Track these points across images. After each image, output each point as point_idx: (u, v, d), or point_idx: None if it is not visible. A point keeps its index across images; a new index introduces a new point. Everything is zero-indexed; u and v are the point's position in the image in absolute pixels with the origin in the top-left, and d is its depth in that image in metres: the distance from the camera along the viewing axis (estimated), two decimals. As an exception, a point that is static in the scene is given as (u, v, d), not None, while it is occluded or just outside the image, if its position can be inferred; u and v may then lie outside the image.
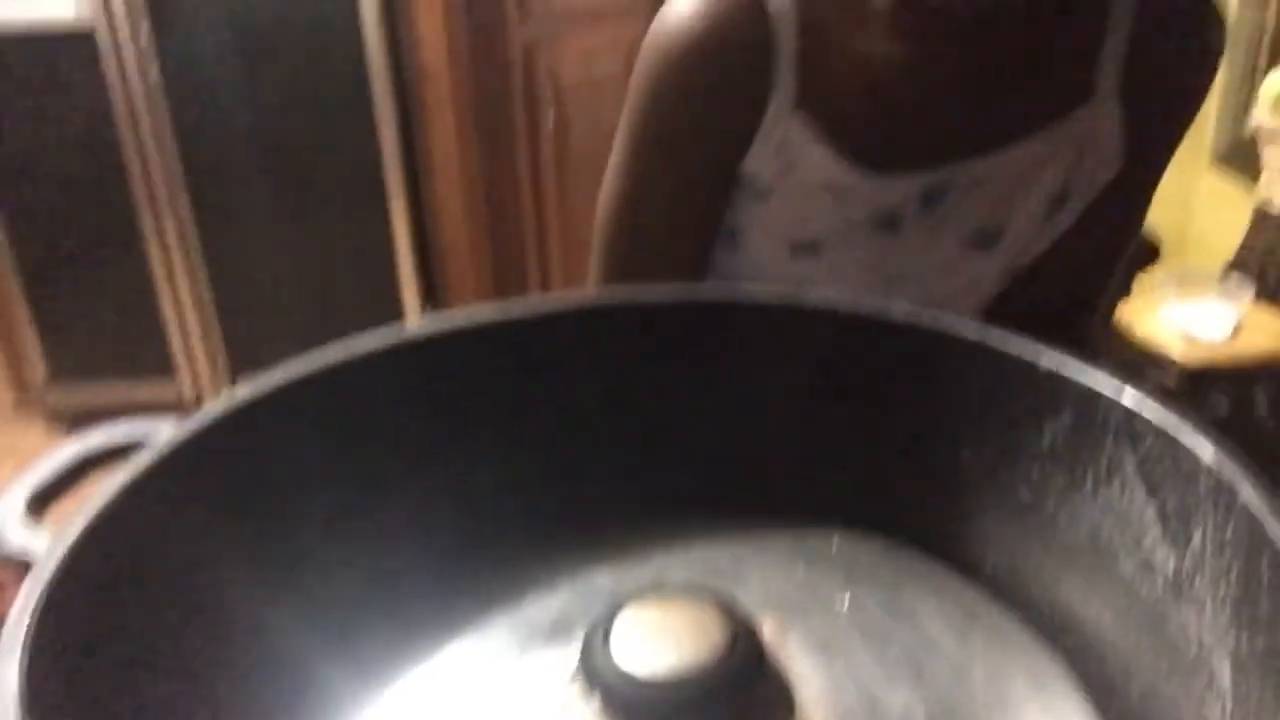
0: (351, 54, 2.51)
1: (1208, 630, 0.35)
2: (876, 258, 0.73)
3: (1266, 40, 2.81)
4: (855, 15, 0.66)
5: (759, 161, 0.68)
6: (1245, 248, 1.32)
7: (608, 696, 0.36)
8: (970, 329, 0.45)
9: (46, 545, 0.32)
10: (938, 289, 0.75)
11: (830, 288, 0.74)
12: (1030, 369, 0.43)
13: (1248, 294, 1.01)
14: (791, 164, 0.68)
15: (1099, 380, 0.41)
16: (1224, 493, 0.35)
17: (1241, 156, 1.52)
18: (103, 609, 0.33)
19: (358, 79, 2.54)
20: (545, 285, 2.97)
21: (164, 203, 2.54)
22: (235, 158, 2.58)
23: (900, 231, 0.71)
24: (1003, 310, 0.77)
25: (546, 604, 0.43)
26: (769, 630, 0.39)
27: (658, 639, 0.36)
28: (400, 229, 2.74)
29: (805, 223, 0.71)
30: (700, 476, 0.49)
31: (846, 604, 0.43)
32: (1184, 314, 1.02)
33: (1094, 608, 0.41)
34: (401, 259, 2.78)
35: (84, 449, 0.40)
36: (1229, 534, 0.35)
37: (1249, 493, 0.34)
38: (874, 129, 0.67)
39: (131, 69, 2.40)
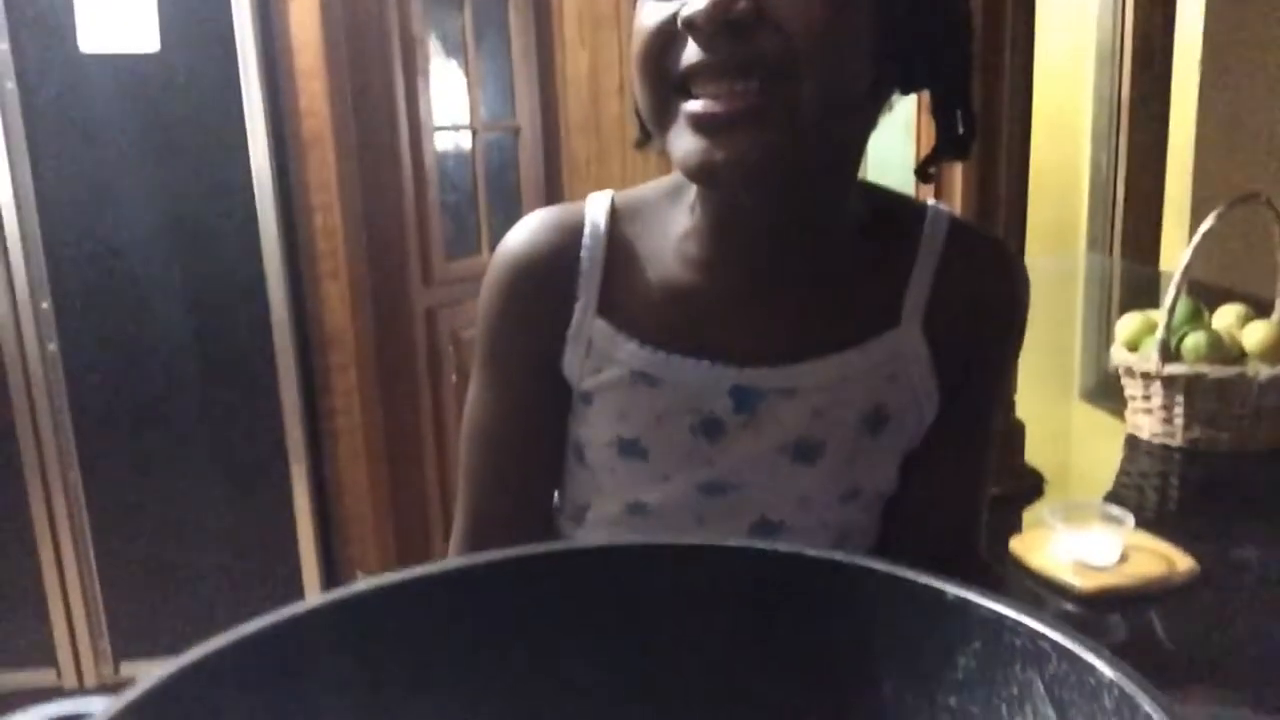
0: (257, 321, 2.55)
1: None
2: (701, 463, 0.75)
3: (1117, 286, 3.08)
4: (662, 233, 0.75)
5: (572, 365, 0.76)
6: (1122, 476, 1.41)
7: None
8: (879, 564, 0.48)
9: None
10: (768, 502, 0.77)
11: (660, 494, 0.77)
12: (939, 599, 0.45)
13: (1129, 521, 1.07)
14: (603, 361, 0.74)
15: (1003, 606, 0.44)
16: (1127, 705, 0.38)
17: (1106, 392, 1.63)
18: None
19: (263, 346, 2.56)
20: (450, 544, 2.91)
21: (55, 480, 2.47)
22: (131, 432, 2.54)
23: (721, 437, 0.74)
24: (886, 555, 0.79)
25: None
26: None
27: None
28: (301, 498, 2.70)
29: (625, 418, 0.75)
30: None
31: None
32: (1073, 543, 1.07)
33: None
34: (302, 529, 2.72)
35: (11, 729, 0.39)
36: (1137, 747, 0.37)
37: (1149, 704, 0.37)
38: (675, 329, 0.74)
39: (31, 342, 2.40)
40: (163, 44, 2.34)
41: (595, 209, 0.76)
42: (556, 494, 0.85)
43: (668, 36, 0.63)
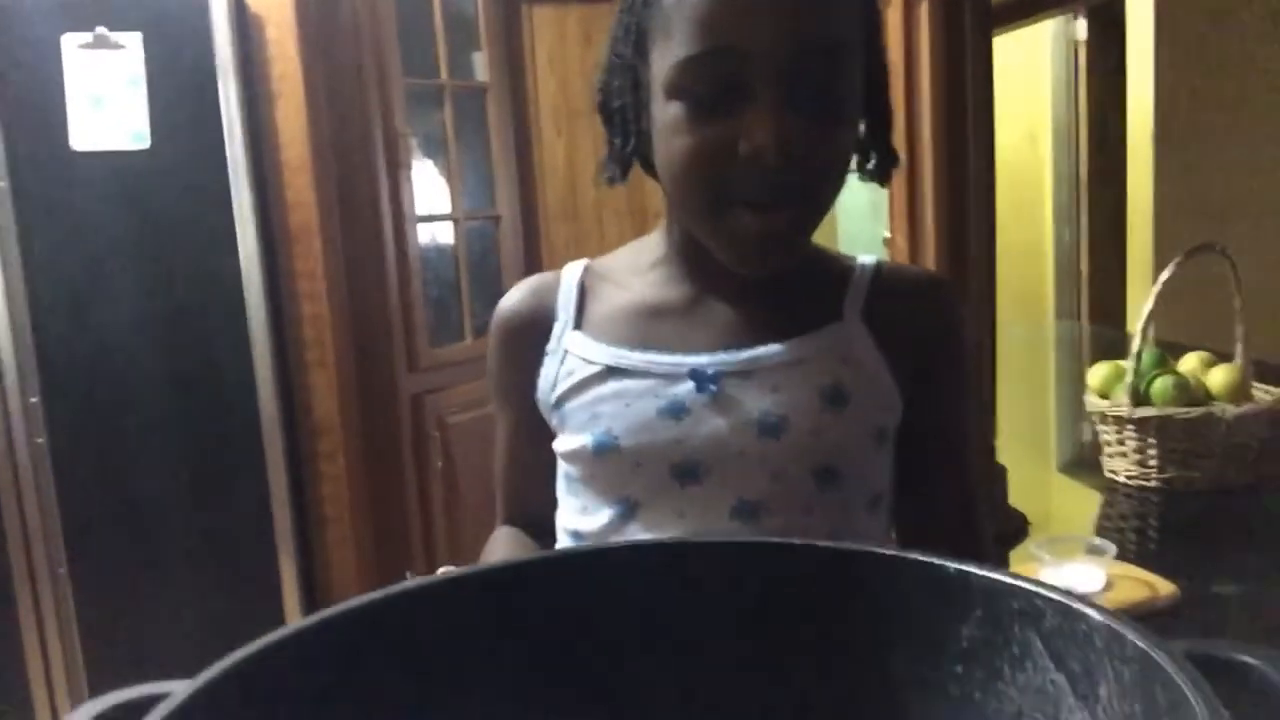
0: (245, 409, 2.57)
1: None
2: (671, 445, 0.81)
3: (1086, 347, 3.16)
4: (631, 269, 0.89)
5: (549, 376, 0.87)
6: (1103, 518, 1.45)
7: None
8: (887, 549, 0.52)
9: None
10: (742, 482, 0.80)
11: (640, 487, 0.82)
12: (942, 574, 0.50)
13: (1111, 551, 1.11)
14: (577, 364, 0.85)
15: (1000, 575, 0.48)
16: (1116, 642, 0.42)
17: (1081, 465, 1.69)
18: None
19: (251, 435, 2.58)
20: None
21: (42, 575, 2.46)
22: (119, 525, 2.54)
23: (686, 416, 0.81)
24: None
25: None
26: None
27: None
28: (289, 580, 2.70)
29: (597, 417, 0.83)
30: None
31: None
32: (1059, 574, 1.11)
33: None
34: (290, 617, 2.71)
35: (100, 707, 0.42)
36: (1127, 678, 0.42)
37: (1134, 635, 0.41)
38: (642, 332, 0.86)
39: (19, 434, 2.41)
40: (153, 140, 2.41)
41: (571, 266, 0.92)
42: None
43: (722, 156, 0.75)
